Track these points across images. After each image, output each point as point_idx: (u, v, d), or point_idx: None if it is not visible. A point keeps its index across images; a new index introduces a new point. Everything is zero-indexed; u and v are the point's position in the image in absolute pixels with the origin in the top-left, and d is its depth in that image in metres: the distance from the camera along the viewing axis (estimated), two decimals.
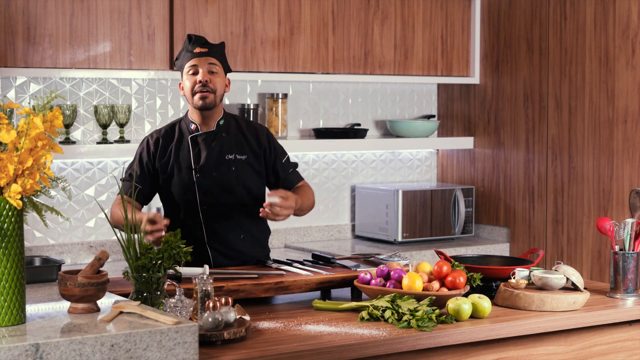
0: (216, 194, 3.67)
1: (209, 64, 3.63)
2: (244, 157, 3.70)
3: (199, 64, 3.62)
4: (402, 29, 5.45)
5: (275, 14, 5.01)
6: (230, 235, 3.70)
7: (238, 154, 3.70)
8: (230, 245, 3.71)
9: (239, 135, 3.73)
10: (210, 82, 3.61)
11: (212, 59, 3.63)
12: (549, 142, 5.34)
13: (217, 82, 3.63)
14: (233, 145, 3.71)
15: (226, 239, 3.70)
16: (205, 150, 3.68)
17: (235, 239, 3.71)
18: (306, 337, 2.85)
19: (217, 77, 3.64)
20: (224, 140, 3.70)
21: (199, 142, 3.70)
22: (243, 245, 3.73)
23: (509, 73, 5.55)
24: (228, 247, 3.71)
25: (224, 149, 3.69)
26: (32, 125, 2.47)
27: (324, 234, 5.57)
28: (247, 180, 3.71)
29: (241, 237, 3.73)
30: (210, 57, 3.63)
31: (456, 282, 3.21)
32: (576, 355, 3.28)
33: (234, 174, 3.69)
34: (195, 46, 3.64)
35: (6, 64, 4.35)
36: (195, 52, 3.63)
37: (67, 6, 4.47)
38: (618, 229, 3.49)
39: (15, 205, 2.45)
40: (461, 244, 5.47)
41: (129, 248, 2.88)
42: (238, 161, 3.69)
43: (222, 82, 3.66)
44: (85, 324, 2.50)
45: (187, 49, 3.66)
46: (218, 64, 3.65)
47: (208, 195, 3.67)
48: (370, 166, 5.76)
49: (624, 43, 4.93)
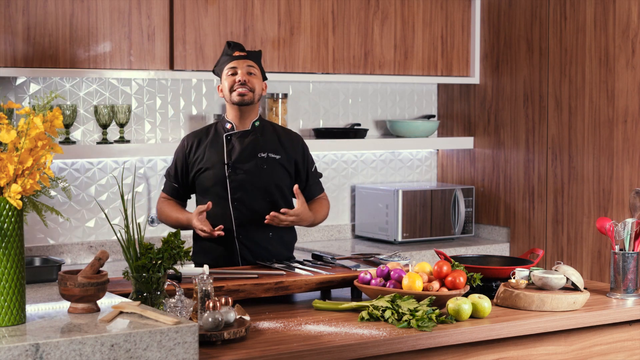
0: (247, 190, 3.76)
1: (248, 65, 3.76)
2: (278, 157, 3.80)
3: (237, 66, 3.76)
4: (402, 29, 5.45)
5: (275, 14, 5.01)
6: (259, 232, 3.77)
7: (271, 152, 3.80)
8: (258, 242, 3.78)
9: (274, 138, 3.84)
10: (249, 82, 3.74)
11: (250, 62, 3.78)
12: (549, 142, 5.34)
13: (255, 82, 3.76)
14: (267, 145, 3.81)
15: (255, 235, 3.77)
16: (238, 147, 3.78)
17: (263, 237, 3.78)
18: (306, 337, 2.85)
19: (255, 78, 3.77)
20: (258, 139, 3.81)
21: (232, 140, 3.80)
22: (271, 244, 3.80)
23: (509, 73, 5.55)
24: (256, 244, 3.77)
25: (257, 146, 3.80)
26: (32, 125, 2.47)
27: (324, 234, 5.57)
28: (278, 179, 3.80)
29: (270, 235, 3.79)
30: (248, 60, 3.78)
31: (456, 282, 3.21)
32: (576, 355, 3.28)
33: (266, 172, 3.78)
34: (234, 50, 3.78)
35: (6, 64, 4.35)
36: (235, 55, 3.77)
37: (67, 6, 4.47)
38: (618, 229, 3.49)
39: (15, 205, 2.45)
40: (461, 244, 5.47)
41: (129, 248, 2.88)
42: (271, 159, 3.79)
43: (260, 84, 3.79)
44: (85, 324, 2.50)
45: (226, 54, 3.80)
46: (256, 66, 3.79)
47: (239, 190, 3.76)
48: (370, 166, 5.76)
49: (624, 43, 4.93)
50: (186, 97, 5.11)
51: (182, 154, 3.86)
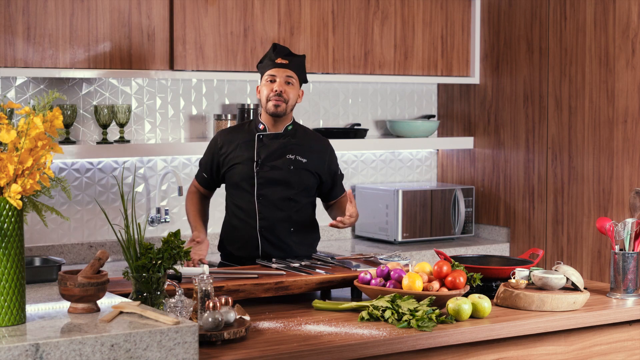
0: (273, 187, 3.92)
1: (287, 75, 3.89)
2: (305, 161, 3.96)
3: (277, 74, 3.89)
4: (402, 29, 5.45)
5: (275, 14, 5.01)
6: (280, 226, 3.93)
7: (299, 156, 3.96)
8: (280, 236, 3.93)
9: (304, 142, 4.00)
10: (285, 93, 3.88)
11: (290, 72, 3.90)
12: (549, 142, 5.34)
13: (290, 92, 3.90)
14: (296, 148, 3.97)
15: (276, 229, 3.93)
16: (269, 147, 3.95)
17: (284, 231, 3.93)
18: (306, 337, 2.85)
19: (292, 88, 3.91)
20: (289, 142, 3.97)
21: (265, 141, 3.96)
22: (291, 239, 3.95)
23: (509, 73, 5.55)
24: (277, 238, 3.93)
25: (287, 148, 3.96)
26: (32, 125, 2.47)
27: (324, 234, 5.57)
28: (304, 181, 3.96)
29: (291, 230, 3.94)
30: (289, 69, 3.90)
31: (456, 282, 3.21)
32: (576, 355, 3.28)
33: (293, 172, 3.93)
34: (277, 56, 3.91)
35: (6, 64, 4.35)
36: (277, 62, 3.90)
37: (67, 6, 4.47)
38: (618, 229, 3.49)
39: (15, 205, 2.45)
40: (461, 244, 5.47)
41: (129, 248, 2.88)
42: (298, 162, 3.95)
43: (296, 93, 3.93)
44: (85, 324, 2.50)
45: (270, 58, 3.92)
46: (295, 76, 3.92)
47: (265, 187, 3.92)
48: (370, 166, 5.76)
49: (624, 43, 4.93)
50: (186, 97, 5.11)
51: (215, 149, 4.03)
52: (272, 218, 3.92)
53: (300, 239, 3.97)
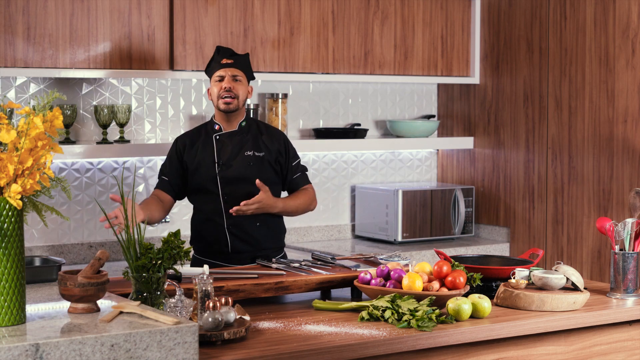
0: (236, 186, 4.06)
1: (233, 75, 4.06)
2: (262, 154, 4.10)
3: (224, 73, 4.06)
4: (402, 29, 5.45)
5: (275, 14, 5.01)
6: (247, 222, 4.05)
7: (256, 151, 4.11)
8: (247, 231, 4.06)
9: (258, 136, 4.15)
10: (234, 89, 4.05)
11: (236, 70, 4.07)
12: (549, 142, 5.34)
13: (239, 88, 4.07)
14: (252, 144, 4.12)
15: (243, 225, 4.06)
16: (227, 147, 4.10)
17: (251, 226, 4.06)
18: (306, 337, 2.85)
19: (240, 85, 4.08)
20: (244, 139, 4.12)
21: (222, 140, 4.12)
22: (259, 232, 4.08)
23: (509, 73, 5.55)
24: (245, 233, 4.06)
25: (243, 146, 4.11)
26: (32, 125, 2.47)
27: (324, 234, 5.57)
28: (263, 174, 4.08)
29: (257, 225, 4.07)
30: (234, 68, 4.07)
31: (456, 282, 3.21)
32: (576, 355, 3.28)
33: (253, 168, 4.07)
34: (222, 57, 4.08)
35: (6, 64, 4.35)
36: (222, 62, 4.07)
37: (67, 6, 4.47)
38: (618, 229, 3.49)
39: (15, 205, 2.45)
40: (461, 244, 5.47)
41: (129, 248, 2.88)
42: (256, 157, 4.09)
43: (245, 89, 4.10)
44: (85, 324, 2.50)
45: (215, 60, 4.09)
46: (241, 74, 4.09)
47: (228, 186, 4.07)
48: (370, 166, 5.76)
49: (624, 43, 4.93)
50: (186, 97, 5.11)
51: (176, 155, 4.15)
52: (239, 216, 4.02)
53: (267, 231, 4.10)
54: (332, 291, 3.53)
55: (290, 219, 5.36)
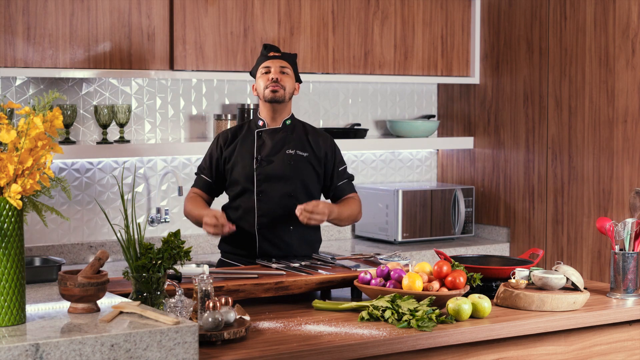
0: (272, 183, 3.87)
1: (281, 66, 3.89)
2: (305, 155, 3.92)
3: (271, 65, 3.89)
4: (402, 29, 5.45)
5: (275, 14, 5.01)
6: (279, 225, 3.86)
7: (299, 150, 3.92)
8: (278, 235, 3.86)
9: (303, 136, 3.96)
10: (281, 80, 3.87)
11: (283, 62, 3.91)
12: (549, 142, 5.34)
13: (287, 80, 3.89)
14: (296, 142, 3.93)
15: (275, 228, 3.86)
16: (269, 143, 3.91)
17: (284, 230, 3.86)
18: (306, 337, 2.85)
19: (288, 77, 3.90)
20: (288, 137, 3.93)
21: (264, 136, 3.93)
22: (291, 237, 3.87)
23: (509, 73, 5.55)
24: (276, 237, 3.86)
25: (286, 143, 3.91)
26: (32, 125, 2.47)
27: (324, 234, 5.56)
28: (304, 176, 3.89)
29: (291, 229, 3.87)
30: (282, 60, 3.91)
31: (456, 282, 3.21)
32: (576, 355, 3.28)
33: (293, 167, 3.88)
34: (269, 51, 3.92)
35: (6, 64, 4.35)
36: (269, 55, 3.91)
37: (67, 6, 4.47)
38: (618, 229, 3.49)
39: (15, 205, 2.45)
40: (461, 244, 5.47)
41: (129, 248, 2.88)
42: (298, 156, 3.90)
43: (292, 83, 3.92)
44: (85, 324, 2.50)
45: (262, 55, 3.94)
46: (289, 67, 3.92)
47: (264, 183, 3.87)
48: (370, 166, 5.76)
49: (624, 43, 4.93)
50: (186, 97, 5.11)
51: (216, 150, 3.97)
52: (271, 215, 3.85)
53: (301, 238, 3.89)
54: (332, 291, 3.53)
55: None
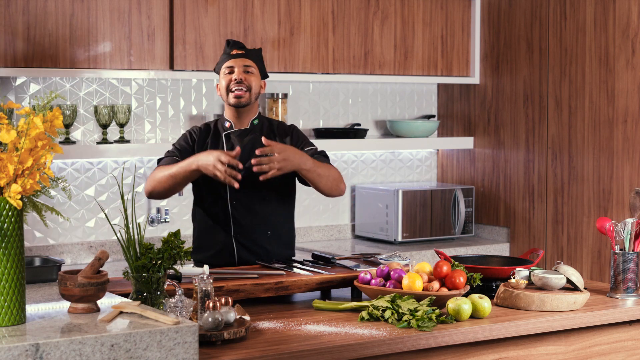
0: (245, 189, 3.71)
1: (245, 65, 3.73)
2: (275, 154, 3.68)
3: (235, 65, 3.73)
4: (402, 29, 5.45)
5: (275, 14, 5.01)
6: (256, 231, 3.76)
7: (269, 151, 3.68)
8: (256, 241, 3.76)
9: (270, 135, 3.80)
10: (245, 80, 3.71)
11: (248, 61, 3.74)
12: (549, 142, 5.34)
13: (252, 80, 3.73)
14: None
15: (252, 234, 3.75)
16: (238, 146, 3.71)
17: (261, 236, 3.76)
18: (306, 337, 2.85)
19: (253, 77, 3.73)
20: (257, 138, 3.76)
21: (232, 139, 3.78)
22: (269, 242, 3.78)
23: (509, 73, 5.55)
24: (254, 243, 3.76)
25: (256, 145, 3.73)
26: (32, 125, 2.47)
27: (324, 234, 5.57)
28: (277, 178, 3.69)
29: (268, 234, 3.78)
30: (246, 58, 3.75)
31: (456, 282, 3.21)
32: (576, 355, 3.28)
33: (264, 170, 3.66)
34: (232, 48, 3.76)
35: (6, 64, 4.35)
36: (232, 53, 3.74)
37: (67, 6, 4.47)
38: (618, 229, 3.49)
39: (15, 205, 2.45)
40: (461, 244, 5.47)
41: (129, 248, 2.88)
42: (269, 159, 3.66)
43: (258, 82, 3.75)
44: (85, 324, 2.50)
45: (224, 52, 3.78)
46: (254, 65, 3.75)
47: (237, 190, 3.70)
48: (370, 166, 5.76)
49: (624, 43, 4.93)
50: (186, 97, 5.11)
51: (191, 142, 3.80)
52: (248, 223, 3.74)
53: (279, 241, 3.80)
54: (332, 291, 3.53)
55: None
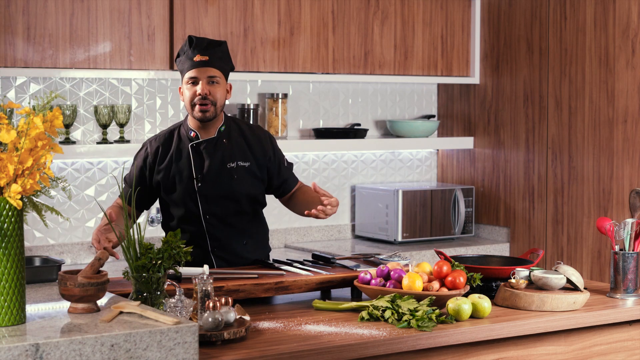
0: (219, 203, 3.63)
1: (209, 76, 3.54)
2: (247, 164, 3.65)
3: (198, 75, 3.53)
4: (402, 29, 5.45)
5: (275, 14, 5.01)
6: (233, 242, 3.70)
7: (240, 160, 3.65)
8: (235, 252, 3.70)
9: (241, 142, 3.67)
10: (210, 95, 3.54)
11: (212, 70, 3.55)
12: (549, 142, 5.34)
13: (217, 92, 3.55)
14: (236, 152, 3.65)
15: (230, 246, 3.69)
16: (207, 159, 3.61)
17: (239, 246, 3.71)
18: (306, 337, 2.85)
19: (218, 88, 3.55)
20: (226, 148, 3.64)
21: (199, 150, 3.63)
22: (247, 250, 3.73)
23: (509, 73, 5.55)
24: (232, 254, 3.70)
25: (225, 157, 3.63)
26: (32, 125, 2.47)
27: (324, 234, 5.57)
28: (248, 188, 3.66)
29: (244, 244, 3.72)
30: (210, 67, 3.54)
31: (456, 282, 3.21)
32: (576, 355, 3.28)
33: (236, 182, 3.64)
34: (195, 53, 3.55)
35: (6, 64, 4.35)
36: (196, 60, 3.54)
37: (67, 6, 4.47)
38: (618, 229, 3.49)
39: (15, 205, 2.45)
40: (461, 244, 5.47)
41: (129, 248, 2.88)
42: (240, 168, 3.63)
43: (223, 92, 3.58)
44: (85, 324, 2.50)
45: (187, 55, 3.57)
46: (218, 73, 3.56)
47: (210, 204, 3.63)
48: (370, 166, 5.76)
49: (624, 43, 4.93)
50: None
51: (147, 164, 3.66)
52: (224, 236, 3.67)
53: (255, 246, 3.75)
54: (332, 291, 3.53)
55: (290, 219, 5.36)
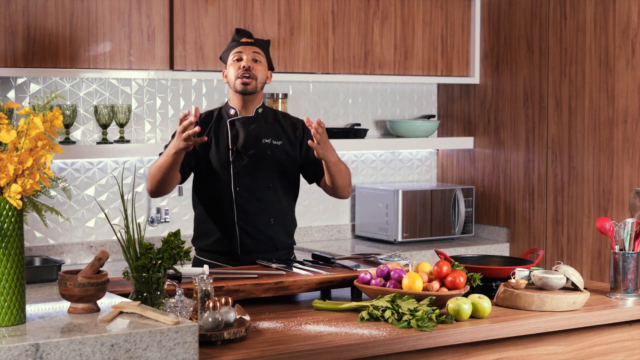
0: (250, 175, 3.75)
1: (254, 52, 3.76)
2: (280, 143, 3.79)
3: (243, 52, 3.76)
4: (402, 29, 5.45)
5: (275, 14, 5.01)
6: (260, 218, 3.76)
7: (274, 139, 3.79)
8: (259, 228, 3.76)
9: (275, 124, 3.84)
10: (253, 69, 3.73)
11: (256, 49, 3.77)
12: (549, 142, 5.34)
13: (259, 69, 3.75)
14: (270, 131, 3.80)
15: (255, 221, 3.76)
16: (242, 133, 3.77)
17: (264, 223, 3.77)
18: (306, 337, 2.85)
19: (260, 66, 3.76)
20: (261, 126, 3.80)
21: (237, 125, 3.79)
22: (272, 230, 3.79)
23: (509, 73, 5.55)
24: (257, 230, 3.76)
25: (260, 133, 3.78)
26: (32, 125, 2.47)
27: (324, 234, 5.57)
28: (281, 165, 3.78)
29: (271, 222, 3.78)
30: (255, 47, 3.77)
31: (456, 282, 3.21)
32: (576, 355, 3.28)
33: (270, 157, 3.76)
34: (242, 37, 3.78)
35: (6, 64, 4.35)
36: (242, 41, 3.77)
37: (67, 6, 4.47)
38: (618, 229, 3.49)
39: (15, 205, 2.45)
40: (461, 244, 5.47)
41: (129, 248, 2.88)
42: (274, 146, 3.78)
43: (264, 72, 3.78)
44: (85, 324, 2.50)
45: (234, 39, 3.81)
46: (262, 54, 3.78)
47: (242, 175, 3.74)
48: (370, 166, 5.76)
49: (624, 43, 4.93)
50: (186, 97, 5.11)
51: None
52: (251, 209, 3.74)
53: (282, 229, 3.81)
54: (332, 291, 3.53)
55: None
